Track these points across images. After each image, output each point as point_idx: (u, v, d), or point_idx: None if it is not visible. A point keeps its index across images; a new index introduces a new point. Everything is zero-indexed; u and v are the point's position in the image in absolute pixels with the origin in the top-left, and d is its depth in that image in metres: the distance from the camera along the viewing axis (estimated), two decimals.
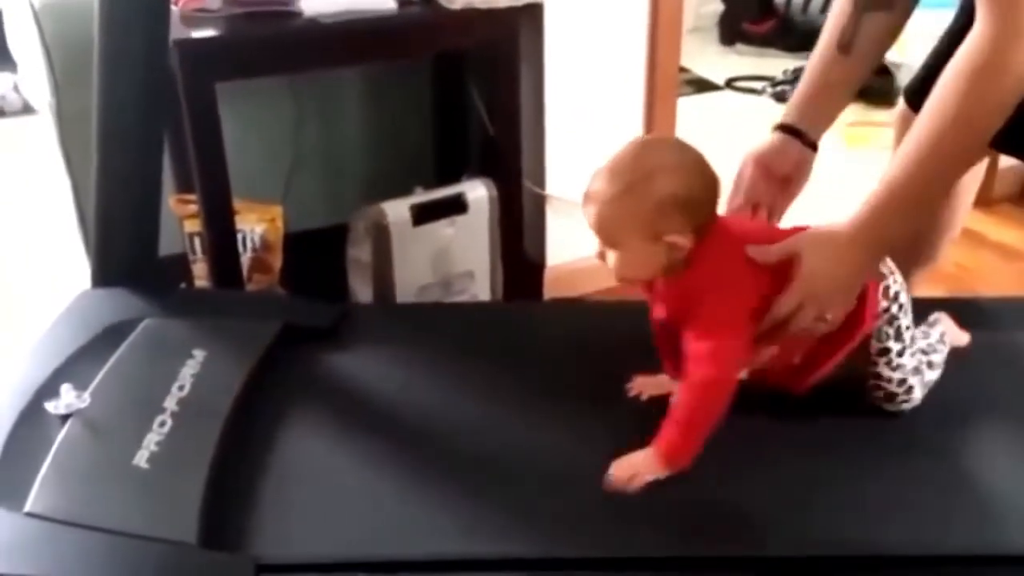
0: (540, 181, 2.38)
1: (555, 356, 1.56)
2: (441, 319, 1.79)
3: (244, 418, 1.38)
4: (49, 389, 1.39)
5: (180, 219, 2.18)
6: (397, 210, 2.21)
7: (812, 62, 1.59)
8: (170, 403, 1.37)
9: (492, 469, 1.32)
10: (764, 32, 4.12)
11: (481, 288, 2.36)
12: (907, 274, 1.91)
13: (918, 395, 1.43)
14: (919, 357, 1.43)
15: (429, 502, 1.26)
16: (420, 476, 1.31)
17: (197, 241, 2.18)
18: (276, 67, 2.06)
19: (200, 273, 2.21)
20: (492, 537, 1.21)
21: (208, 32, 1.92)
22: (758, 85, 3.84)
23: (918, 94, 1.68)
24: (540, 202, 2.40)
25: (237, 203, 2.04)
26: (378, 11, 1.99)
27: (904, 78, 3.30)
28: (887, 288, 1.38)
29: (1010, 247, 2.68)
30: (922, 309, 1.77)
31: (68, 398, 1.36)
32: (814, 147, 1.58)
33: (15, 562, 1.15)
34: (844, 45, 1.53)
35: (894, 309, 1.39)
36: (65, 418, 1.34)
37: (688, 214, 1.27)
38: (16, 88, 3.41)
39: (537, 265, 2.45)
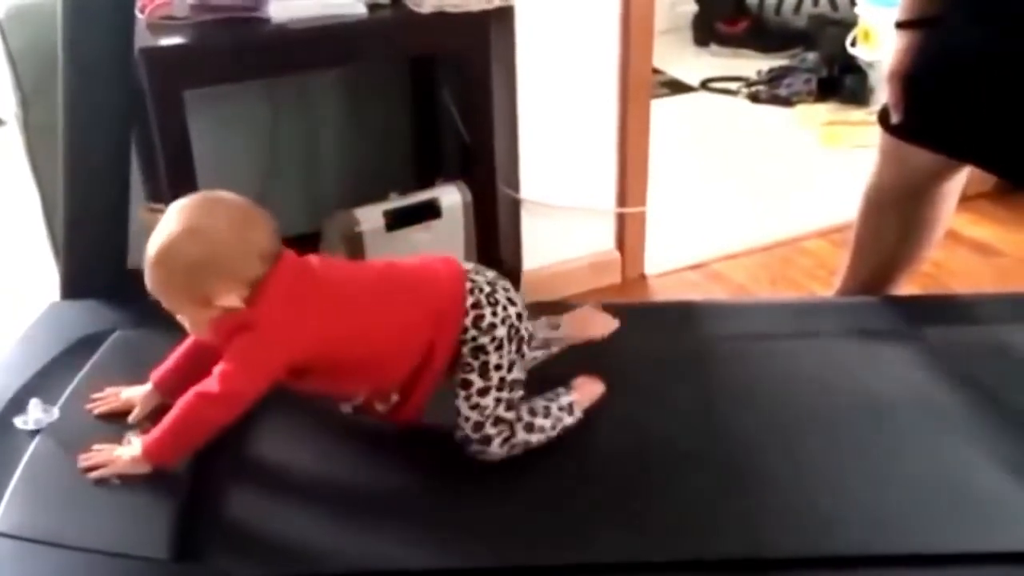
0: (515, 184, 2.37)
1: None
2: None
3: None
4: (17, 404, 1.37)
5: (150, 229, 2.15)
6: (370, 216, 2.20)
7: None
8: None
9: (462, 482, 1.31)
10: (738, 33, 4.11)
11: None
12: (891, 279, 1.92)
13: (497, 450, 1.31)
14: (514, 412, 1.31)
15: (401, 516, 1.26)
16: (392, 491, 1.30)
17: None
18: (245, 74, 2.04)
19: None
20: (461, 550, 1.21)
21: (175, 40, 1.90)
22: (733, 86, 3.83)
23: (921, 125, 1.68)
24: (515, 206, 2.39)
25: None
26: (347, 16, 1.97)
27: (877, 77, 3.34)
28: (480, 317, 1.27)
29: (985, 243, 2.69)
30: (898, 306, 1.78)
31: (37, 413, 1.35)
32: None
33: None
34: None
35: (483, 340, 1.28)
36: (34, 433, 1.33)
37: (226, 275, 1.20)
38: None
39: (513, 269, 2.43)
